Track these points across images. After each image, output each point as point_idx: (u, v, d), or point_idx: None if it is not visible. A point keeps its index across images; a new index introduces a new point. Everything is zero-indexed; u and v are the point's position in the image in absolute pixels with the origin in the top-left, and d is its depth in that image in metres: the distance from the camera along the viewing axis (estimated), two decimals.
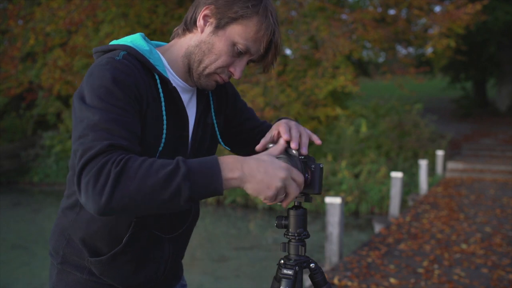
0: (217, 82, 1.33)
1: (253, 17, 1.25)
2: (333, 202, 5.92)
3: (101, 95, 1.14)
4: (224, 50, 1.28)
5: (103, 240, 1.33)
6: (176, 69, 1.34)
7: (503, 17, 18.22)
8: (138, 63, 1.25)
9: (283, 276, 1.28)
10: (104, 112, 1.12)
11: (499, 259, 5.39)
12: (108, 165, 1.05)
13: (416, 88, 17.64)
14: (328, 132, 13.79)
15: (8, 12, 13.90)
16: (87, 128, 1.11)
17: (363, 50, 16.52)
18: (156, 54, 1.30)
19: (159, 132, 1.26)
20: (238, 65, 1.30)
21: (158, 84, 1.26)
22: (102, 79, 1.17)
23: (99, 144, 1.08)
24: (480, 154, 14.56)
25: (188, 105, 1.37)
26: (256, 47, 1.28)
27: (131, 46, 1.27)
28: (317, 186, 1.27)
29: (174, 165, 1.05)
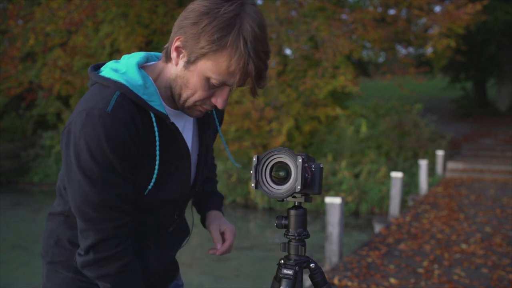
0: (201, 112, 1.30)
1: (221, 51, 1.16)
2: (333, 202, 5.92)
3: (98, 160, 1.17)
4: (199, 85, 1.23)
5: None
6: (164, 97, 1.30)
7: (503, 17, 18.21)
8: (132, 104, 1.22)
9: (283, 276, 1.28)
10: (101, 186, 1.19)
11: (499, 259, 5.39)
12: (112, 265, 1.24)
13: (416, 88, 17.64)
14: (328, 132, 13.79)
15: (8, 12, 13.89)
16: (88, 205, 1.20)
17: (363, 50, 16.51)
18: (151, 86, 1.26)
19: (151, 170, 1.27)
20: (220, 95, 1.25)
21: (154, 122, 1.25)
22: (96, 141, 1.17)
23: (104, 227, 1.22)
24: (480, 154, 14.56)
25: (183, 131, 1.37)
26: (232, 80, 1.20)
27: (125, 85, 1.22)
28: (317, 186, 1.27)
29: None
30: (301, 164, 1.21)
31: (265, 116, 13.00)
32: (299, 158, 1.21)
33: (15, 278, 7.01)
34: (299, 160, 1.21)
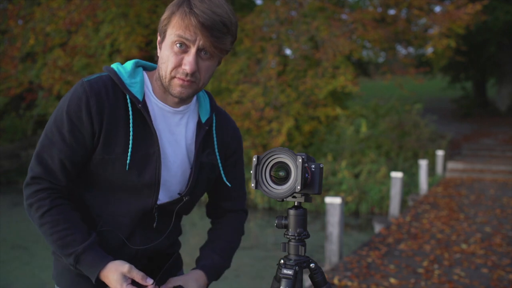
0: (180, 85, 1.39)
1: (176, 11, 1.36)
2: (333, 202, 5.92)
3: (55, 122, 1.39)
4: (169, 54, 1.38)
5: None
6: (156, 90, 1.46)
7: (503, 17, 18.22)
8: (112, 85, 1.41)
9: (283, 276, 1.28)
10: (49, 140, 1.38)
11: (499, 259, 5.39)
12: (33, 208, 1.39)
13: (416, 88, 17.64)
14: (328, 132, 13.79)
15: (8, 12, 13.90)
16: (37, 147, 1.41)
17: (363, 50, 16.52)
18: (140, 77, 1.45)
19: (126, 148, 1.40)
20: (186, 59, 1.36)
21: (129, 103, 1.40)
22: (63, 103, 1.40)
23: (31, 173, 1.39)
24: (480, 154, 14.56)
25: (174, 128, 1.48)
26: (189, 34, 1.34)
27: (113, 68, 1.44)
28: (317, 186, 1.27)
29: (68, 253, 1.36)
30: (301, 164, 1.21)
31: (265, 116, 13.00)
32: (299, 158, 1.21)
33: (15, 278, 7.01)
34: (299, 160, 1.21)
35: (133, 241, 1.48)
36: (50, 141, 1.38)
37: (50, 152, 1.38)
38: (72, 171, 1.41)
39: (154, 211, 1.47)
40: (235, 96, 13.45)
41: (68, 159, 1.38)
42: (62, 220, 1.38)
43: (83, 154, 1.40)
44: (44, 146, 1.39)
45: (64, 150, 1.37)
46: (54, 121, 1.39)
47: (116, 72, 1.42)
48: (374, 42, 14.55)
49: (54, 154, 1.37)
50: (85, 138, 1.38)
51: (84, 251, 1.36)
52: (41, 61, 14.48)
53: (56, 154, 1.37)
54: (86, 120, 1.36)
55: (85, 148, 1.39)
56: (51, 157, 1.38)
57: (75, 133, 1.37)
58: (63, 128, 1.37)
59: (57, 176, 1.39)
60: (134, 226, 1.47)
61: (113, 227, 1.46)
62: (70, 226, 1.38)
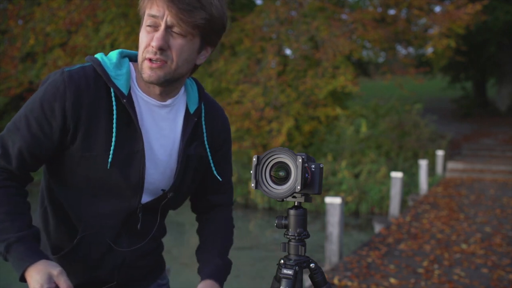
0: (149, 68, 1.29)
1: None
2: (333, 202, 5.92)
3: (27, 106, 1.30)
4: (141, 35, 1.31)
5: (59, 238, 1.42)
6: (140, 83, 1.36)
7: (503, 17, 18.22)
8: (95, 77, 1.31)
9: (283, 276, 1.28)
10: (15, 125, 1.29)
11: (499, 259, 5.39)
12: None
13: (416, 88, 17.63)
14: (328, 132, 13.79)
15: (8, 12, 13.90)
16: (4, 129, 1.31)
17: (363, 50, 16.52)
18: (126, 68, 1.35)
19: (108, 144, 1.31)
20: (155, 35, 1.27)
21: (113, 97, 1.30)
22: (39, 90, 1.31)
23: None
24: (480, 154, 14.56)
25: (159, 123, 1.38)
26: (156, 10, 1.26)
27: (97, 58, 1.34)
28: (317, 186, 1.27)
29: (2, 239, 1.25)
30: (301, 164, 1.21)
31: (265, 116, 13.00)
32: (299, 158, 1.21)
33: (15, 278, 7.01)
34: (299, 160, 1.21)
35: (120, 244, 1.40)
36: (15, 127, 1.28)
37: (13, 137, 1.28)
38: (30, 163, 1.31)
39: (138, 211, 1.39)
40: (235, 96, 13.45)
41: (28, 149, 1.28)
42: (6, 202, 1.27)
43: (47, 148, 1.29)
44: (10, 131, 1.29)
45: (27, 138, 1.27)
46: (25, 107, 1.30)
47: (100, 63, 1.32)
48: (374, 42, 14.55)
49: (15, 141, 1.28)
50: (53, 131, 1.28)
51: (18, 240, 1.24)
52: (41, 61, 14.49)
53: (18, 141, 1.27)
54: (59, 112, 1.27)
55: (50, 142, 1.29)
56: (12, 142, 1.28)
57: (42, 124, 1.27)
58: (32, 116, 1.27)
59: (12, 162, 1.28)
60: (119, 228, 1.39)
61: (95, 230, 1.37)
62: (12, 212, 1.26)
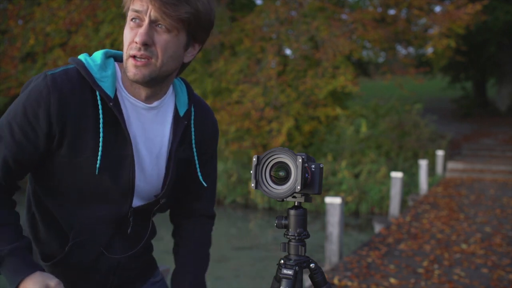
0: (134, 65, 1.25)
1: None
2: (333, 202, 5.92)
3: (9, 113, 1.24)
4: (125, 32, 1.27)
5: (49, 245, 1.36)
6: (126, 84, 1.32)
7: (503, 17, 18.22)
8: (79, 79, 1.26)
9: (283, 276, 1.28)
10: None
11: (499, 259, 5.39)
12: None
13: (416, 88, 17.63)
14: (328, 132, 13.79)
15: (8, 12, 13.91)
16: None
17: (363, 50, 16.52)
18: (111, 70, 1.30)
19: (96, 149, 1.26)
20: (138, 31, 1.24)
21: (99, 101, 1.26)
22: (22, 96, 1.25)
23: None
24: (480, 154, 14.56)
25: (147, 126, 1.35)
26: (139, 5, 1.23)
27: (80, 60, 1.28)
28: (317, 186, 1.27)
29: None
30: (301, 164, 1.21)
31: (265, 116, 13.00)
32: (299, 158, 1.21)
33: None
34: (299, 160, 1.21)
35: (112, 249, 1.38)
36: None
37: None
38: (15, 171, 1.26)
39: (129, 215, 1.36)
40: (235, 96, 13.45)
41: (13, 157, 1.23)
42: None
43: (33, 155, 1.25)
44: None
45: (11, 146, 1.22)
46: (8, 113, 1.25)
47: (84, 65, 1.27)
48: (374, 42, 14.56)
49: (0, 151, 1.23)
50: (38, 137, 1.23)
51: (10, 253, 1.20)
52: (41, 61, 14.49)
53: (2, 151, 1.22)
54: (43, 118, 1.21)
55: (35, 148, 1.24)
56: None
57: (26, 130, 1.22)
58: (16, 123, 1.22)
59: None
60: (111, 234, 1.36)
61: (87, 237, 1.34)
62: (2, 223, 1.22)
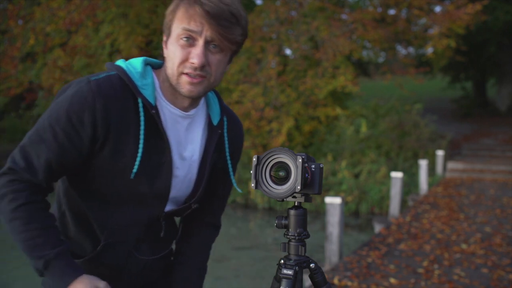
0: (189, 83, 1.29)
1: (180, 3, 1.28)
2: (333, 202, 5.92)
3: (51, 117, 1.26)
4: (174, 49, 1.28)
5: (79, 244, 1.40)
6: (165, 93, 1.35)
7: (503, 17, 18.22)
8: (122, 86, 1.29)
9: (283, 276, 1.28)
10: (39, 136, 1.25)
11: (499, 259, 5.39)
12: (6, 199, 1.24)
13: (416, 88, 17.63)
14: (328, 132, 13.79)
15: (8, 12, 13.90)
16: (24, 140, 1.27)
17: (363, 50, 16.51)
18: (150, 78, 1.33)
19: (135, 154, 1.30)
20: (193, 52, 1.27)
21: (140, 108, 1.29)
22: (63, 100, 1.26)
23: (11, 164, 1.25)
24: (480, 154, 14.56)
25: (182, 134, 1.38)
26: (194, 25, 1.25)
27: (122, 68, 1.31)
28: (317, 186, 1.27)
29: (38, 256, 1.25)
30: (301, 164, 1.21)
31: (265, 116, 13.00)
32: (299, 158, 1.21)
33: (15, 278, 7.01)
34: (299, 160, 1.21)
35: (141, 252, 1.43)
36: (40, 138, 1.25)
37: (38, 149, 1.25)
38: (56, 174, 1.29)
39: (161, 220, 1.41)
40: (235, 96, 13.45)
41: (56, 160, 1.25)
42: (36, 218, 1.24)
43: (74, 158, 1.27)
44: (33, 142, 1.25)
45: (54, 150, 1.25)
46: (49, 117, 1.26)
47: (126, 72, 1.30)
48: (374, 42, 14.55)
49: (41, 153, 1.25)
50: (82, 142, 1.26)
51: (56, 257, 1.24)
52: (41, 61, 14.49)
53: (44, 153, 1.24)
54: (88, 123, 1.24)
55: (78, 152, 1.27)
56: (38, 155, 1.25)
57: (70, 134, 1.24)
58: (58, 126, 1.24)
59: (38, 175, 1.25)
60: (141, 236, 1.41)
61: (119, 238, 1.38)
62: (44, 227, 1.25)
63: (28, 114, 16.93)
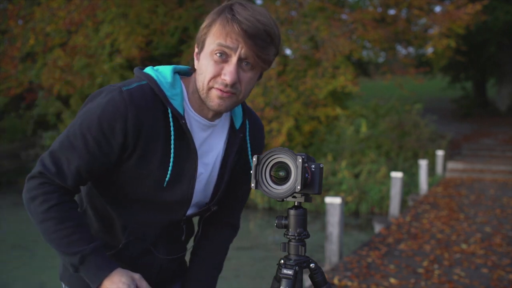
0: (219, 97, 1.30)
1: (217, 19, 1.28)
2: (333, 202, 5.92)
3: (82, 124, 1.28)
4: (207, 63, 1.29)
5: (102, 240, 1.42)
6: (193, 103, 1.38)
7: (503, 17, 18.21)
8: (153, 96, 1.32)
9: (283, 276, 1.28)
10: (70, 143, 1.28)
11: (499, 259, 5.39)
12: (37, 201, 1.28)
13: (416, 88, 17.63)
14: (328, 132, 13.79)
15: (8, 12, 13.90)
16: (54, 145, 1.30)
17: (363, 50, 16.51)
18: (179, 88, 1.35)
19: (167, 164, 1.34)
20: (226, 68, 1.28)
21: (170, 118, 1.32)
22: (95, 108, 1.29)
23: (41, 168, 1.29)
24: (480, 154, 14.56)
25: (205, 141, 1.41)
26: (230, 42, 1.26)
27: (152, 77, 1.33)
28: (317, 186, 1.27)
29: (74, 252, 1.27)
30: (301, 164, 1.21)
31: (265, 116, 13.00)
32: (299, 158, 1.21)
33: (15, 278, 7.01)
34: (299, 160, 1.21)
35: (160, 251, 1.47)
36: (71, 144, 1.28)
37: (69, 156, 1.28)
38: (85, 179, 1.33)
39: (182, 223, 1.45)
40: None
41: (86, 167, 1.29)
42: (69, 217, 1.29)
43: (103, 166, 1.31)
44: (63, 147, 1.28)
45: (84, 157, 1.28)
46: (80, 123, 1.28)
47: (156, 82, 1.32)
48: (374, 42, 14.55)
49: (71, 159, 1.28)
50: (113, 150, 1.29)
51: (92, 252, 1.28)
52: (41, 61, 14.48)
53: (75, 160, 1.28)
54: (120, 132, 1.27)
55: (108, 160, 1.30)
56: (68, 161, 1.28)
57: (101, 143, 1.27)
58: (90, 135, 1.27)
59: (68, 181, 1.29)
60: (160, 237, 1.45)
61: (140, 237, 1.42)
62: (77, 225, 1.30)
63: (28, 114, 16.91)
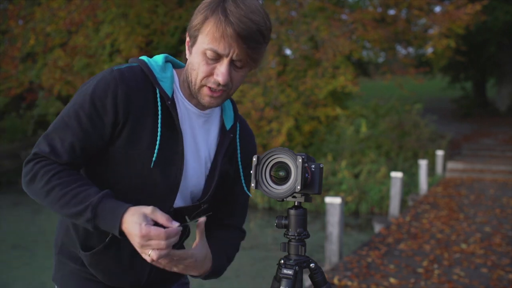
0: (210, 96, 1.34)
1: (210, 17, 1.28)
2: (333, 202, 5.93)
3: (75, 103, 1.33)
4: (199, 61, 1.31)
5: (92, 235, 1.41)
6: (183, 90, 1.41)
7: (503, 17, 18.21)
8: (143, 77, 1.36)
9: (283, 276, 1.28)
10: (64, 122, 1.32)
11: (499, 259, 5.39)
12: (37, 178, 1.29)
13: (416, 88, 17.63)
14: (328, 132, 13.79)
15: (8, 12, 13.91)
16: (49, 128, 1.34)
17: (363, 50, 16.51)
18: (170, 72, 1.40)
19: (153, 142, 1.35)
20: (219, 69, 1.30)
21: (158, 99, 1.35)
22: (86, 88, 1.34)
23: (36, 149, 1.32)
24: (480, 154, 14.56)
25: (198, 133, 1.43)
26: (223, 46, 1.27)
27: (144, 60, 1.38)
28: (317, 186, 1.27)
29: (84, 207, 1.25)
30: (301, 164, 1.21)
31: (265, 116, 13.00)
32: (299, 158, 1.21)
33: (15, 278, 7.01)
34: (299, 160, 1.21)
35: None
36: (65, 124, 1.31)
37: (62, 135, 1.30)
38: (80, 157, 1.33)
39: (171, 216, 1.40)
40: (235, 96, 13.44)
41: (80, 144, 1.31)
42: (73, 180, 1.29)
43: (96, 143, 1.33)
44: (57, 128, 1.32)
45: (78, 134, 1.30)
46: (73, 104, 1.33)
47: (147, 64, 1.37)
48: (374, 42, 14.55)
49: (65, 137, 1.30)
50: (105, 126, 1.31)
51: (100, 201, 1.25)
52: (42, 61, 14.49)
53: (68, 137, 1.30)
54: (111, 108, 1.30)
55: (100, 137, 1.32)
56: (62, 140, 1.30)
57: (94, 119, 1.30)
58: (83, 112, 1.30)
59: (62, 157, 1.30)
60: None
61: None
62: (83, 184, 1.29)
63: (28, 114, 16.91)
